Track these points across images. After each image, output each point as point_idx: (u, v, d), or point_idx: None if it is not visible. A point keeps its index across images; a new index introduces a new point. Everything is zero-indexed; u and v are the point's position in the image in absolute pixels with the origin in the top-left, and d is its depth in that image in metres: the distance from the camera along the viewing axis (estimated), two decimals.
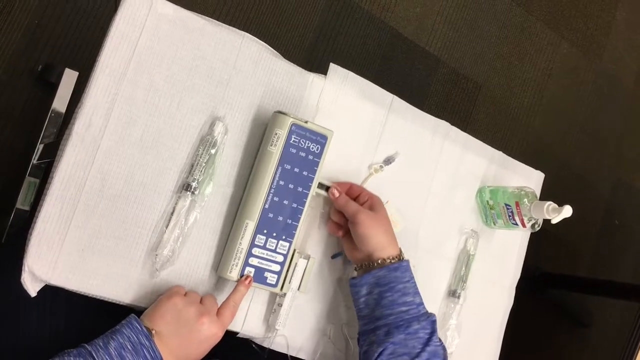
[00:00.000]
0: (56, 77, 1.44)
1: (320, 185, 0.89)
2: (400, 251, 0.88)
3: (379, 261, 0.85)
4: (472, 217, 1.09)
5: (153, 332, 0.74)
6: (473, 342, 1.08)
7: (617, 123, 2.43)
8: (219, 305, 0.81)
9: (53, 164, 0.77)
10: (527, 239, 1.15)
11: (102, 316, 0.88)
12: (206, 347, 0.78)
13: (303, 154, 0.85)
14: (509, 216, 1.02)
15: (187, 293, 0.80)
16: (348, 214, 0.87)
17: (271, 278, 0.85)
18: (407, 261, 0.87)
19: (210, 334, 0.77)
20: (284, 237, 0.85)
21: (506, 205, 1.02)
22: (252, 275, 0.83)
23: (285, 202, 0.84)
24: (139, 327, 0.73)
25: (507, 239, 1.13)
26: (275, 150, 0.83)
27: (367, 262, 0.87)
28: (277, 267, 0.85)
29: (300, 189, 0.85)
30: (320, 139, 0.86)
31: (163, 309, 0.76)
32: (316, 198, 0.91)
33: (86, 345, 0.71)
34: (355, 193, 0.91)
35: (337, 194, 0.89)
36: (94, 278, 0.78)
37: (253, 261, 0.83)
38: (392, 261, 0.85)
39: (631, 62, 2.47)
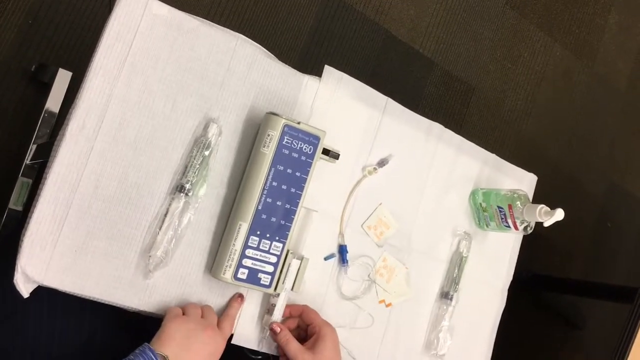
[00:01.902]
0: (50, 77, 1.43)
1: (325, 151, 0.89)
2: None
3: None
4: (465, 219, 1.09)
5: (167, 357, 0.74)
6: (465, 344, 1.09)
7: (609, 126, 2.45)
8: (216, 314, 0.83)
9: (46, 164, 0.77)
10: (520, 242, 1.16)
11: (98, 319, 0.89)
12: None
13: (296, 155, 0.85)
14: (502, 219, 1.03)
15: (185, 308, 0.81)
16: (288, 355, 0.85)
17: (265, 279, 0.85)
18: None
19: (217, 345, 0.79)
20: (277, 238, 0.85)
21: (499, 207, 1.02)
22: (245, 276, 0.83)
23: (279, 203, 0.84)
24: (153, 357, 0.72)
25: (500, 242, 1.13)
26: (268, 152, 0.83)
27: None
28: (270, 268, 0.85)
29: (293, 190, 0.85)
30: (313, 140, 0.86)
31: (172, 331, 0.76)
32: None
33: None
34: (307, 319, 0.90)
35: (278, 331, 0.87)
36: (87, 279, 0.77)
37: (246, 262, 0.83)
38: None
39: (623, 66, 2.49)
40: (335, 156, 0.91)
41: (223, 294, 0.87)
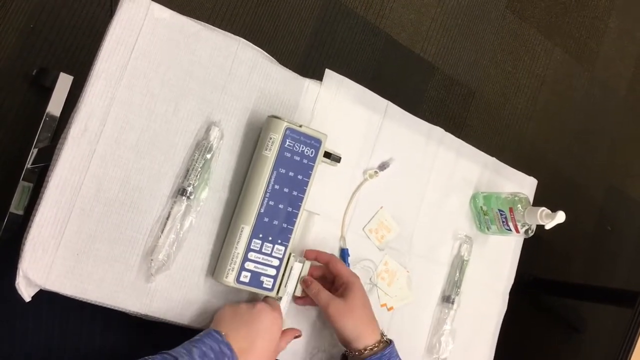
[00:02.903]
0: (51, 82, 1.43)
1: (326, 154, 0.89)
2: (381, 335, 0.88)
3: (356, 353, 0.85)
4: (466, 222, 1.09)
5: (225, 336, 0.75)
6: (467, 348, 1.09)
7: (609, 129, 2.45)
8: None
9: (47, 168, 0.77)
10: (521, 245, 1.16)
11: (96, 323, 0.89)
12: (268, 339, 0.80)
13: (297, 158, 0.85)
14: (503, 222, 1.03)
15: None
16: (319, 304, 0.87)
17: (267, 282, 0.85)
18: (390, 347, 0.86)
19: (269, 319, 0.80)
20: (279, 241, 0.85)
21: (500, 211, 1.03)
22: (247, 280, 0.83)
23: (281, 206, 0.84)
24: (219, 337, 0.74)
25: (501, 245, 1.13)
26: (270, 155, 0.83)
27: (349, 351, 0.87)
28: (272, 271, 0.85)
29: (295, 193, 0.85)
30: (315, 143, 0.86)
31: (224, 312, 0.81)
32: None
33: (170, 352, 0.71)
34: (334, 269, 0.90)
35: (309, 283, 0.88)
36: (89, 282, 0.77)
37: (249, 265, 0.83)
38: (374, 349, 0.85)
39: (623, 70, 2.49)
40: (337, 159, 0.91)
41: (226, 298, 0.87)
